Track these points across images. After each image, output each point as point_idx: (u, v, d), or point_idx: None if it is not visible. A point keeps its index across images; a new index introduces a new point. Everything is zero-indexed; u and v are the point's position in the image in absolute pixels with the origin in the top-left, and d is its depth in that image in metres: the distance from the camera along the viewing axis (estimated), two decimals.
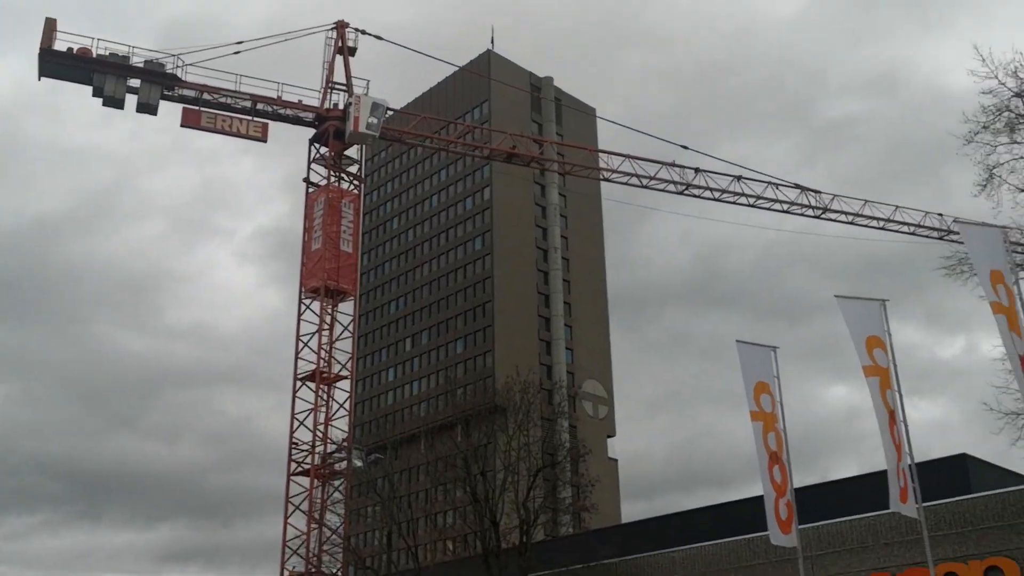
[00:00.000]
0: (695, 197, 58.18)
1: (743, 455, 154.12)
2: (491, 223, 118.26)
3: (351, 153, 54.38)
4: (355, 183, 54.26)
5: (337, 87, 53.87)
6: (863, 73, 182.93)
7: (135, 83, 49.82)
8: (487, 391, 58.23)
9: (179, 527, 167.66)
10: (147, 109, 50.13)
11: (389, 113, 56.77)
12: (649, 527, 43.02)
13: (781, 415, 25.14)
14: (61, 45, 48.77)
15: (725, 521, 37.02)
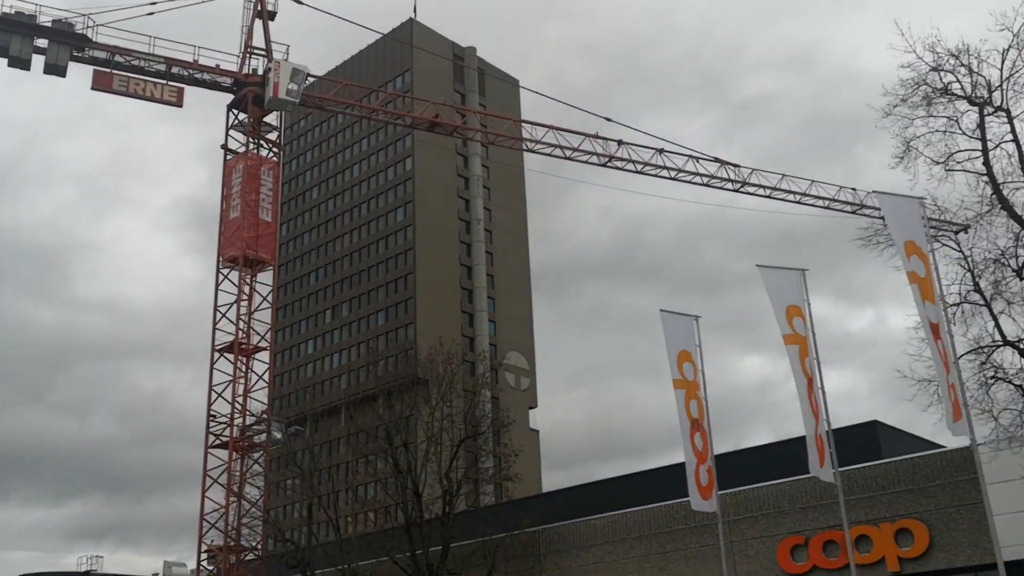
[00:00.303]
0: (618, 170, 58.52)
1: (660, 425, 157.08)
2: (413, 194, 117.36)
3: (270, 120, 53.23)
4: (274, 150, 53.14)
5: (256, 52, 52.56)
6: (780, 50, 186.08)
7: (42, 43, 47.86)
8: (409, 363, 57.86)
9: (91, 503, 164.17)
10: (55, 71, 48.26)
11: (310, 80, 55.69)
12: (570, 496, 43.41)
13: (702, 383, 25.53)
14: None
15: (645, 489, 37.55)
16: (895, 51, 23.88)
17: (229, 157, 51.97)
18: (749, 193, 60.87)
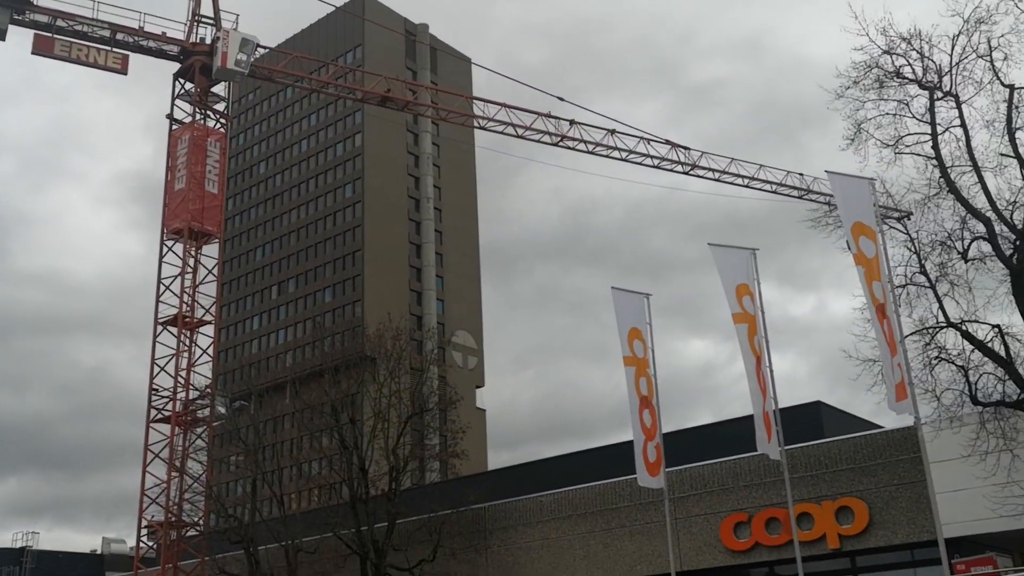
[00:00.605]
0: (569, 149, 58.33)
1: (606, 407, 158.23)
2: (362, 170, 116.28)
3: (218, 90, 52.12)
4: (222, 122, 52.14)
5: (204, 20, 51.32)
6: (731, 36, 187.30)
7: None
8: (357, 339, 57.28)
9: (28, 480, 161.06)
10: None
11: (260, 51, 54.65)
12: (516, 473, 43.55)
13: (652, 361, 25.61)
14: None
15: (590, 467, 37.77)
16: (848, 34, 24.18)
17: (175, 127, 50.85)
18: (699, 176, 61.15)
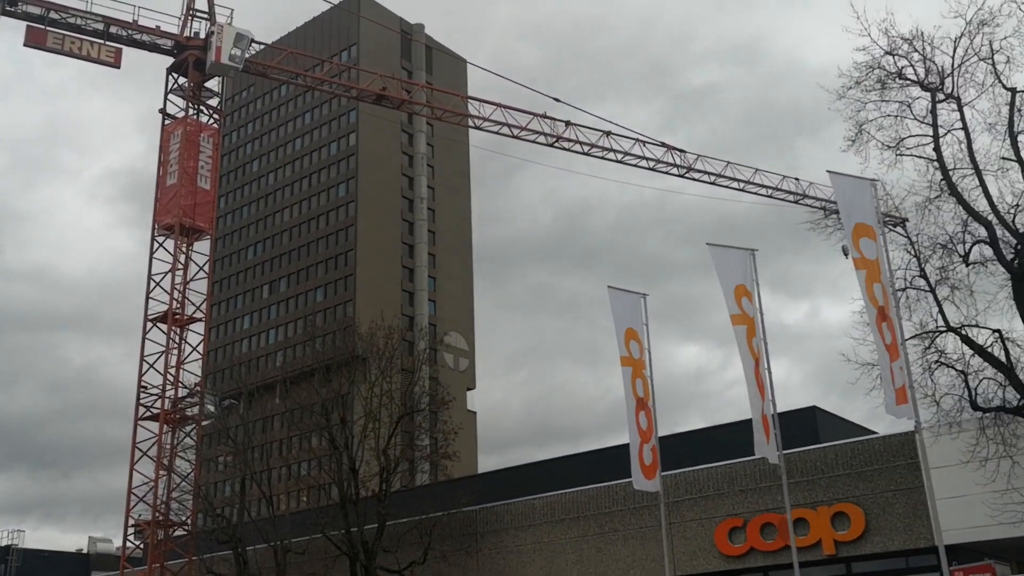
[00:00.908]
0: (564, 150, 58.16)
1: (597, 411, 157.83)
2: (356, 170, 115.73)
3: (212, 85, 51.84)
4: (215, 117, 51.76)
5: (199, 15, 51.06)
6: (726, 41, 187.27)
7: None
8: (348, 338, 56.71)
9: (15, 478, 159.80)
10: None
11: (254, 47, 54.23)
12: (508, 476, 43.16)
13: (648, 362, 25.28)
14: None
15: (583, 470, 37.42)
16: (848, 35, 23.97)
17: (167, 122, 50.49)
18: (694, 179, 60.99)
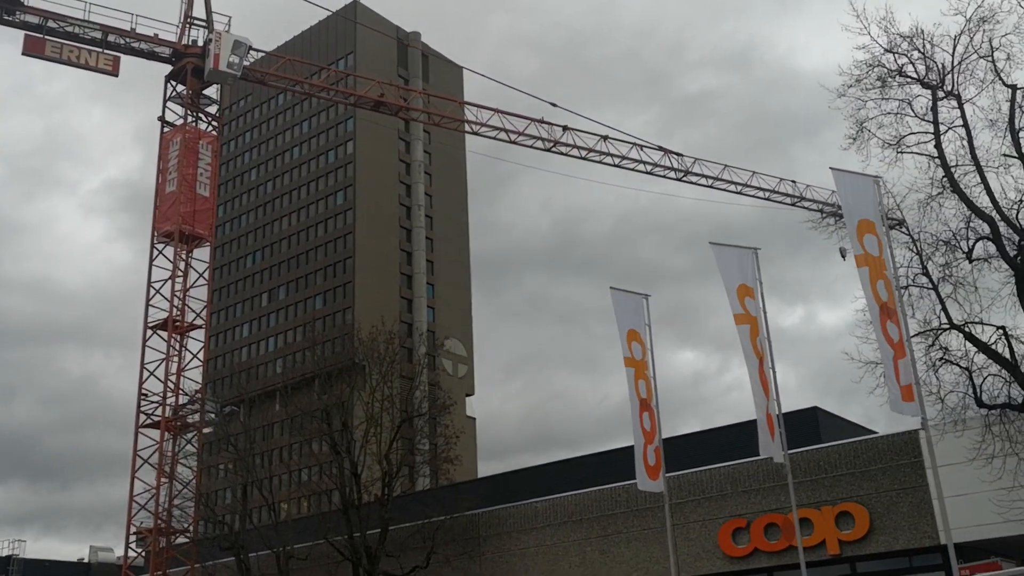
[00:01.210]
0: (562, 155, 58.18)
1: (594, 417, 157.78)
2: (353, 178, 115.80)
3: (210, 93, 51.77)
4: (214, 124, 51.75)
5: (196, 22, 50.98)
6: (720, 49, 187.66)
7: None
8: (347, 345, 56.57)
9: (14, 489, 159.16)
10: None
11: (252, 55, 54.28)
12: (510, 480, 43.10)
13: (651, 363, 25.25)
14: None
15: (585, 473, 37.37)
16: (849, 33, 23.96)
17: (166, 130, 50.42)
18: (692, 183, 61.05)
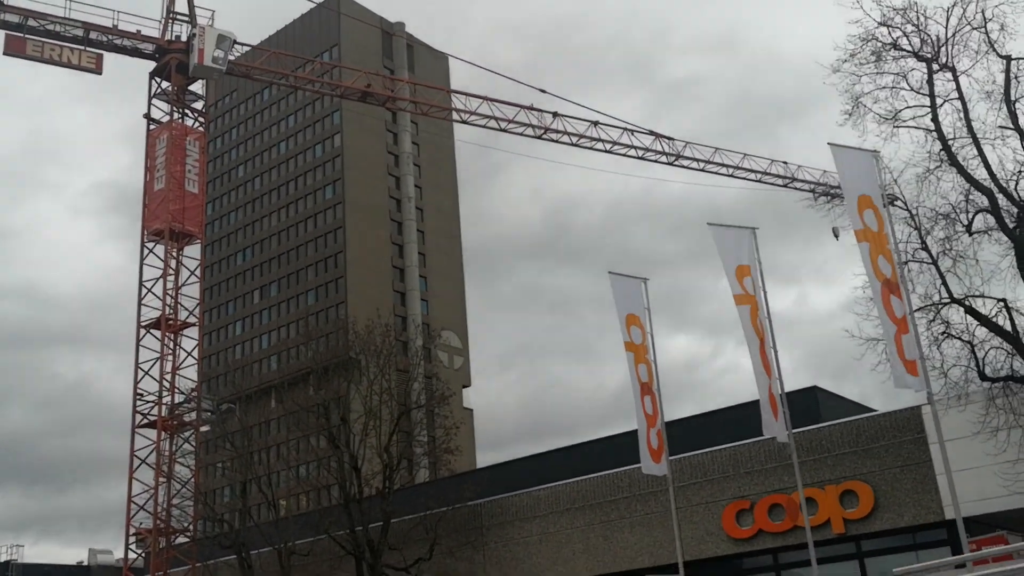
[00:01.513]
0: (553, 142, 57.95)
1: (591, 406, 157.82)
2: (342, 171, 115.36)
3: (195, 89, 51.38)
4: (200, 120, 51.33)
5: (179, 18, 50.50)
6: (705, 32, 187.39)
7: None
8: (343, 339, 56.29)
9: (10, 495, 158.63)
10: None
11: (237, 50, 53.79)
12: (511, 469, 42.88)
13: (652, 347, 25.07)
14: None
15: (585, 460, 37.19)
16: (841, 7, 23.71)
17: (152, 127, 49.98)
18: (683, 166, 60.90)
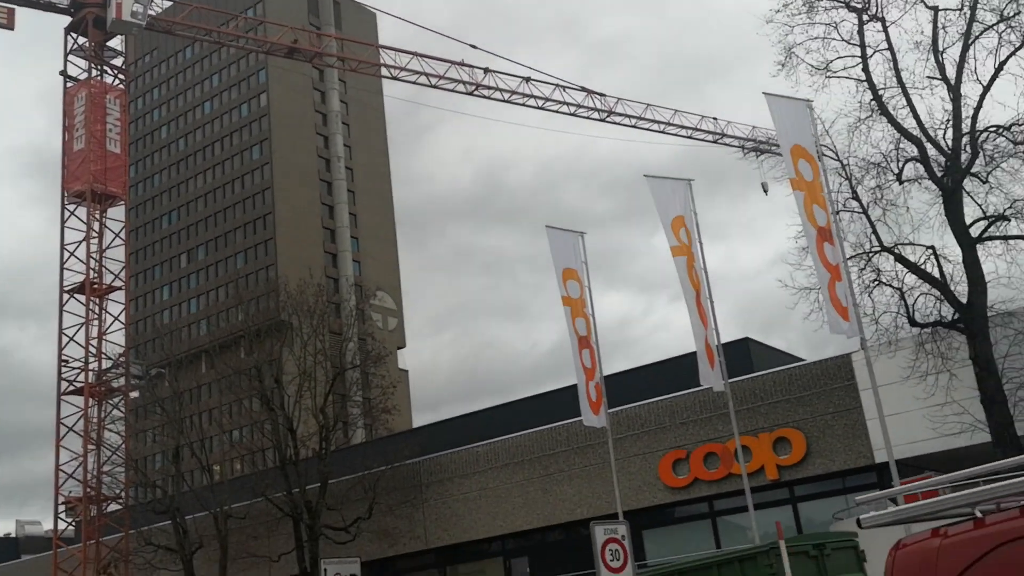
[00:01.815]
0: (484, 98, 57.47)
1: (525, 365, 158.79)
2: (269, 131, 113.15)
3: (114, 45, 49.66)
4: (120, 78, 49.66)
5: None
6: None
7: None
8: (273, 300, 55.45)
9: None
10: None
11: (158, 5, 52.17)
12: (449, 427, 42.91)
13: (589, 300, 25.10)
14: None
15: (522, 416, 37.33)
16: None
17: (70, 85, 48.22)
18: (615, 123, 60.97)
